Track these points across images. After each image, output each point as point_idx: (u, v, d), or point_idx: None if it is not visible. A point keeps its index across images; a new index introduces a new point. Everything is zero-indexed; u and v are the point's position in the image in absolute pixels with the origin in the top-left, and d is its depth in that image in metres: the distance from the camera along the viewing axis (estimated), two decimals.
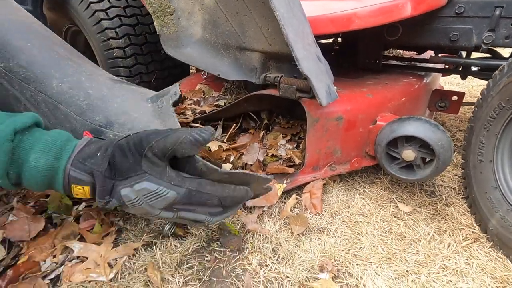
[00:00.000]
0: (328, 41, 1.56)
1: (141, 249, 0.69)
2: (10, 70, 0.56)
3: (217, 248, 0.71)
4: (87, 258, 0.64)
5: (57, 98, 0.59)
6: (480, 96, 0.77)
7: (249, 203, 0.81)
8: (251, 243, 0.72)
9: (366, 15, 0.72)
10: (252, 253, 0.69)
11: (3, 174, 0.44)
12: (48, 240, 0.69)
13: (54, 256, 0.65)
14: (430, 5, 0.76)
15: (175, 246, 0.70)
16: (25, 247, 0.67)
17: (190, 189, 0.50)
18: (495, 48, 1.06)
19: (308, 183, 0.88)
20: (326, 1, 0.95)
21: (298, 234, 0.74)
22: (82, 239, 0.70)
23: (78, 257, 0.66)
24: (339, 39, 1.35)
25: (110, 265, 0.64)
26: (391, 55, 1.43)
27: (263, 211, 0.81)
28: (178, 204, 0.51)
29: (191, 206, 0.52)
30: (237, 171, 0.55)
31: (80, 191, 0.48)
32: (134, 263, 0.65)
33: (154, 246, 0.69)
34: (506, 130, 0.72)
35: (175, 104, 0.71)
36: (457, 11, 0.84)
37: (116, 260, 0.65)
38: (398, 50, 1.62)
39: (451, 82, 2.06)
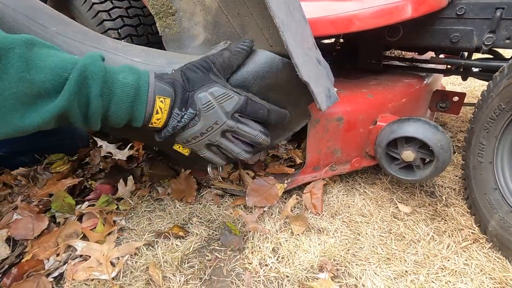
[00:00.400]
0: (329, 41, 1.56)
1: (143, 248, 0.70)
2: (64, 32, 0.59)
3: (218, 248, 0.72)
4: (89, 256, 0.65)
5: (116, 51, 0.62)
6: (480, 98, 0.77)
7: (250, 203, 0.81)
8: (251, 242, 0.73)
9: (366, 16, 0.72)
10: (252, 252, 0.70)
11: (99, 93, 0.46)
12: (52, 238, 0.70)
13: (58, 255, 0.66)
14: (431, 7, 0.76)
15: (176, 245, 0.71)
16: (29, 245, 0.68)
17: (247, 96, 0.58)
18: (496, 49, 1.06)
19: (309, 183, 0.89)
20: (327, 2, 0.96)
21: (298, 234, 0.75)
22: (85, 238, 0.71)
23: (81, 256, 0.67)
24: (341, 40, 1.35)
25: (112, 264, 0.65)
26: (392, 55, 1.43)
27: (264, 211, 0.82)
28: (238, 113, 0.58)
29: (246, 120, 0.60)
30: None
31: (162, 105, 0.52)
32: (136, 262, 0.66)
33: (156, 245, 0.70)
34: (506, 132, 0.72)
35: None
36: (458, 13, 0.84)
37: (118, 259, 0.66)
38: (399, 51, 1.62)
39: (453, 83, 2.06)
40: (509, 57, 0.95)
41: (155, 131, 0.56)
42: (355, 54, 1.15)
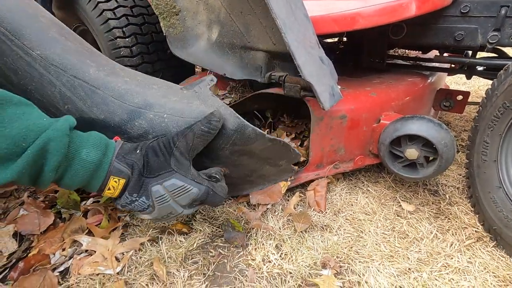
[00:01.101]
0: (333, 40, 1.56)
1: (147, 244, 0.70)
2: (46, 57, 0.57)
3: (222, 244, 0.72)
4: (95, 251, 0.66)
5: (95, 83, 0.60)
6: (485, 96, 0.77)
7: (254, 201, 0.82)
8: (254, 239, 0.73)
9: (370, 14, 0.73)
10: (255, 249, 0.70)
11: (55, 167, 0.45)
12: (58, 234, 0.71)
13: (63, 250, 0.67)
14: (435, 5, 0.76)
15: (180, 241, 0.72)
16: (36, 240, 0.69)
17: (209, 188, 0.56)
18: (501, 48, 1.06)
19: (312, 181, 0.89)
20: (330, 1, 0.96)
21: (301, 231, 0.75)
22: (90, 233, 0.72)
23: (86, 251, 0.67)
24: (344, 39, 1.35)
25: (117, 259, 0.66)
26: (396, 54, 1.42)
27: (267, 209, 0.82)
28: (197, 201, 0.57)
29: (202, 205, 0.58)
30: (278, 138, 0.66)
31: (116, 184, 0.51)
32: (140, 257, 0.67)
33: (160, 241, 0.71)
34: (510, 130, 0.71)
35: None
36: (462, 11, 0.83)
37: (123, 254, 0.67)
38: (403, 50, 1.62)
39: (457, 82, 2.05)
40: None
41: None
42: (358, 52, 1.15)
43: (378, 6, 0.73)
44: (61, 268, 0.64)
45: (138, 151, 0.54)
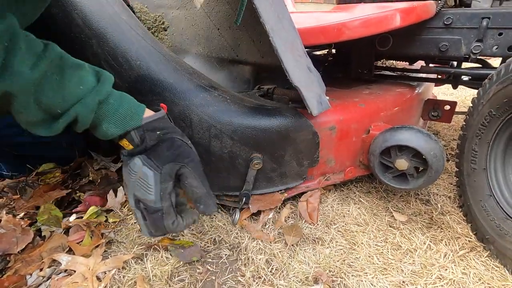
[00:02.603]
0: (322, 52, 1.58)
1: (131, 262, 0.67)
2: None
3: (210, 260, 0.69)
4: (74, 271, 0.63)
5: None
6: (471, 105, 0.78)
7: (254, 209, 0.79)
8: (244, 254, 0.70)
9: (356, 26, 0.74)
10: (245, 264, 0.68)
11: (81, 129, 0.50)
12: (36, 253, 0.67)
13: (41, 270, 0.63)
14: (419, 16, 0.78)
15: (167, 258, 0.69)
16: (12, 260, 0.65)
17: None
18: (485, 58, 1.08)
19: (304, 193, 0.88)
20: (318, 13, 0.97)
21: (292, 245, 0.73)
22: (71, 252, 0.68)
23: (65, 270, 0.64)
24: (333, 50, 1.37)
25: (98, 279, 0.62)
26: (384, 65, 1.45)
27: (268, 218, 0.80)
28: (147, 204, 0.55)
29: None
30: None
31: (125, 144, 0.54)
32: (123, 276, 0.64)
33: (145, 259, 0.68)
34: (497, 138, 0.72)
35: None
36: (445, 22, 0.85)
37: (105, 273, 0.64)
38: (392, 61, 1.65)
39: (444, 93, 2.09)
40: (497, 66, 0.96)
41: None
42: (347, 64, 1.17)
43: (364, 18, 0.74)
44: None
45: (158, 132, 0.55)
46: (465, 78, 1.07)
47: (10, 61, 0.40)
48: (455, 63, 1.07)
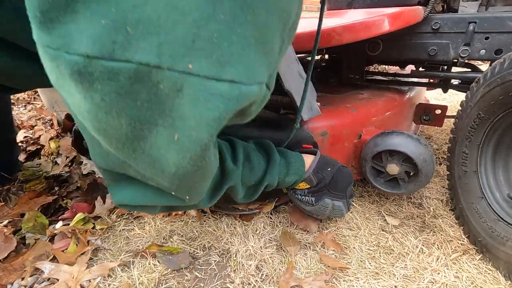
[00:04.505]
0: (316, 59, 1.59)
1: (117, 269, 0.65)
2: None
3: (199, 267, 0.68)
4: (58, 280, 0.61)
5: None
6: (460, 108, 0.78)
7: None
8: (234, 260, 0.69)
9: (345, 31, 0.74)
10: (234, 271, 0.66)
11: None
12: (19, 261, 0.65)
13: (23, 279, 0.61)
14: (407, 21, 0.79)
15: (154, 265, 0.67)
16: None
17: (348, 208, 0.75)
18: (474, 63, 1.09)
19: None
20: (308, 20, 0.98)
21: (283, 250, 0.72)
22: (55, 259, 0.66)
23: (48, 279, 0.62)
24: (326, 56, 1.38)
25: (83, 287, 0.60)
26: (377, 70, 1.46)
27: (247, 227, 0.79)
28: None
29: None
30: None
31: (303, 186, 0.71)
32: (109, 285, 0.62)
33: (132, 266, 0.66)
34: (487, 140, 0.72)
35: None
36: (433, 27, 0.86)
37: (90, 282, 0.62)
38: (384, 66, 1.66)
39: (437, 98, 2.10)
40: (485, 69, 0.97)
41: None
42: (339, 69, 1.17)
43: (354, 23, 0.75)
44: None
45: (329, 169, 0.70)
46: (455, 82, 1.08)
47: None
48: (445, 67, 1.08)
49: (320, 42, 0.78)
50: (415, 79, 1.20)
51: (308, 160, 0.70)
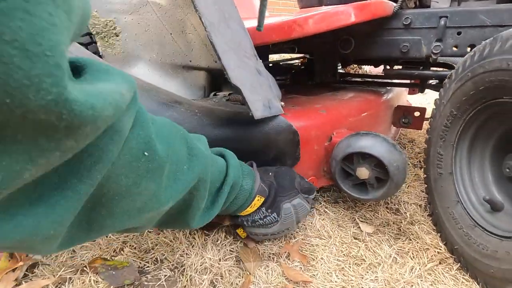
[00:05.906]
0: (292, 62, 1.55)
1: (51, 287, 0.58)
2: None
3: (146, 283, 0.61)
4: None
5: None
6: (434, 106, 0.74)
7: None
8: (186, 275, 0.62)
9: (306, 22, 0.70)
10: (185, 287, 0.59)
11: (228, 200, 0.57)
12: None
13: None
14: (373, 13, 0.75)
15: (95, 281, 0.60)
16: None
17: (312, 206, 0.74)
18: (450, 62, 1.06)
19: None
20: (279, 17, 0.94)
21: (244, 262, 0.65)
22: None
23: None
24: (298, 55, 1.35)
25: None
26: (356, 72, 1.42)
27: (208, 237, 0.72)
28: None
29: None
30: None
31: (258, 202, 0.61)
32: None
33: (69, 283, 0.59)
34: (461, 139, 0.67)
35: None
36: (404, 23, 0.83)
37: None
38: (366, 69, 1.63)
39: (421, 103, 2.08)
40: None
41: (230, 216, 0.66)
42: (312, 69, 1.13)
43: (315, 14, 0.71)
44: None
45: (270, 173, 0.66)
46: (433, 82, 1.04)
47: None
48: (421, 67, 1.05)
49: (281, 34, 0.74)
50: (396, 80, 1.16)
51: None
